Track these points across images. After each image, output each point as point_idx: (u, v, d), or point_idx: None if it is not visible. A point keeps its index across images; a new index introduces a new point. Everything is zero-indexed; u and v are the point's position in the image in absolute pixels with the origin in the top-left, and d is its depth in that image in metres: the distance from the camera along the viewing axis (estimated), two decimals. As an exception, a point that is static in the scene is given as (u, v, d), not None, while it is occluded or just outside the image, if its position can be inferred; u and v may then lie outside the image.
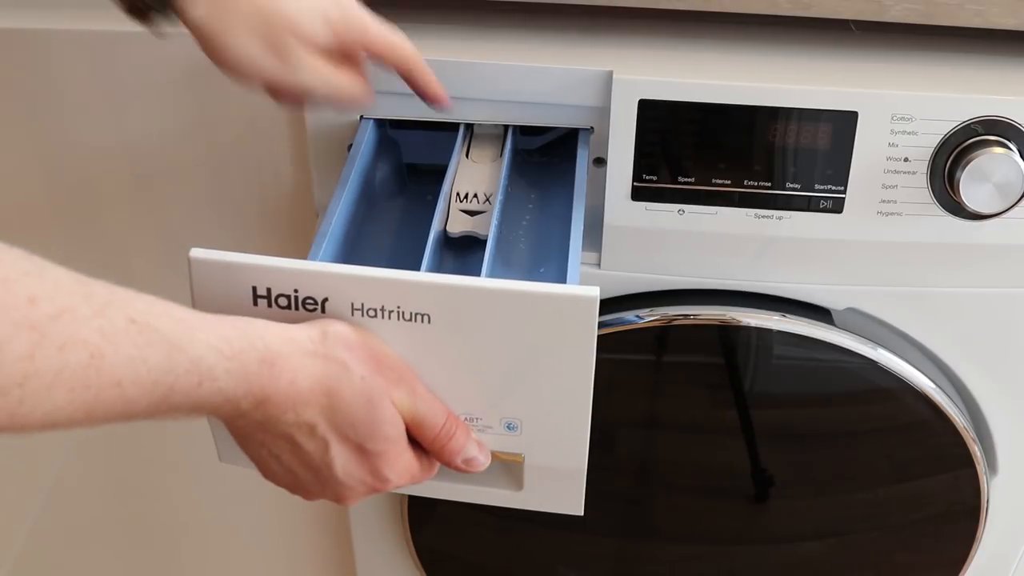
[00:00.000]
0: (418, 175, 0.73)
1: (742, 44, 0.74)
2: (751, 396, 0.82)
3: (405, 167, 0.74)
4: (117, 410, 0.43)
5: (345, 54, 0.62)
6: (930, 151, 0.69)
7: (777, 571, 0.92)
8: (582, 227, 0.63)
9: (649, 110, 0.69)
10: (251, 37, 0.59)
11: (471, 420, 0.56)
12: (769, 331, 0.77)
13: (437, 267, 0.63)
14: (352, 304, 0.53)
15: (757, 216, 0.72)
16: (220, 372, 0.46)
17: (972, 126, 0.68)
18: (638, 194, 0.72)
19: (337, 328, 0.51)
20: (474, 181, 0.69)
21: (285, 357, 0.49)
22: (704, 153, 0.71)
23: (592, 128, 0.72)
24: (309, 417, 0.50)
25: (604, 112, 0.70)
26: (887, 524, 0.88)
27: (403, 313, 0.53)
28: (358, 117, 0.73)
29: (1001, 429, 0.84)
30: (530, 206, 0.70)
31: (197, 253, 0.53)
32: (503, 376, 0.55)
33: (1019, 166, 0.68)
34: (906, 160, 0.70)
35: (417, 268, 0.61)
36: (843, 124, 0.69)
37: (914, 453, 0.84)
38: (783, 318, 0.76)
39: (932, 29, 0.71)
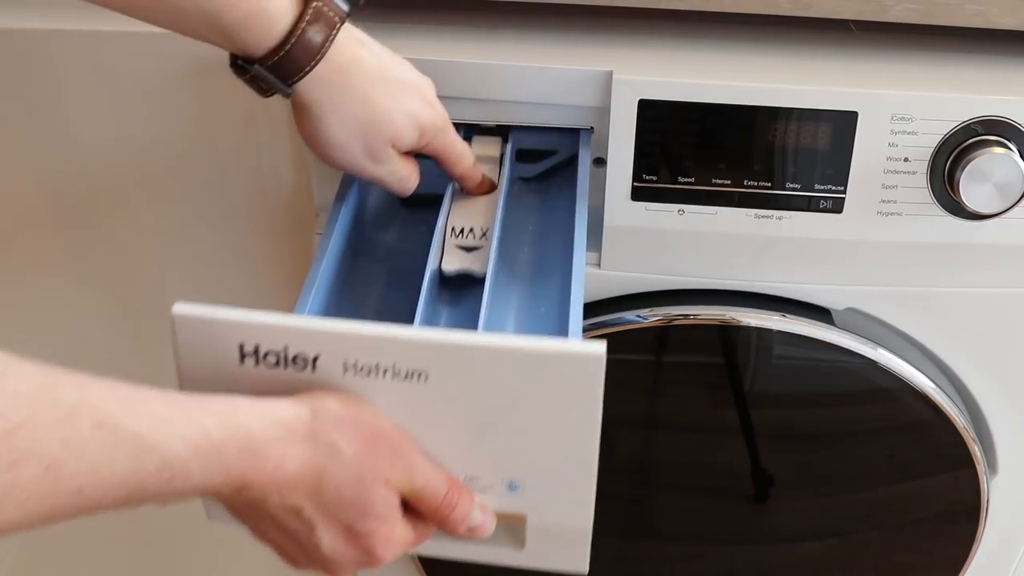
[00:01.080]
0: (411, 203, 0.72)
1: (742, 44, 0.74)
2: (751, 396, 0.82)
3: (397, 200, 0.73)
4: (80, 511, 0.42)
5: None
6: (930, 151, 0.69)
7: (777, 571, 0.92)
8: (583, 267, 0.61)
9: (649, 110, 0.69)
10: (353, 135, 0.61)
11: (471, 480, 0.54)
12: (769, 331, 0.77)
13: (433, 309, 0.61)
14: (345, 362, 0.50)
15: (757, 216, 0.72)
16: (194, 468, 0.44)
17: (972, 126, 0.68)
18: (638, 194, 0.72)
19: (328, 406, 0.49)
20: (469, 215, 0.67)
21: (271, 443, 0.47)
22: (704, 153, 0.71)
23: (592, 128, 0.72)
24: (295, 501, 0.48)
25: (604, 112, 0.70)
26: (887, 524, 0.88)
27: (398, 371, 0.50)
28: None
29: (1001, 429, 0.84)
30: (528, 237, 0.68)
31: (180, 309, 0.50)
32: (505, 435, 0.53)
33: (1019, 166, 0.68)
34: (906, 160, 0.70)
35: (413, 309, 0.59)
36: (843, 124, 0.69)
37: (914, 453, 0.84)
38: (783, 318, 0.76)
39: (932, 29, 0.71)
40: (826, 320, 0.77)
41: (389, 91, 0.62)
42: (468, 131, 0.73)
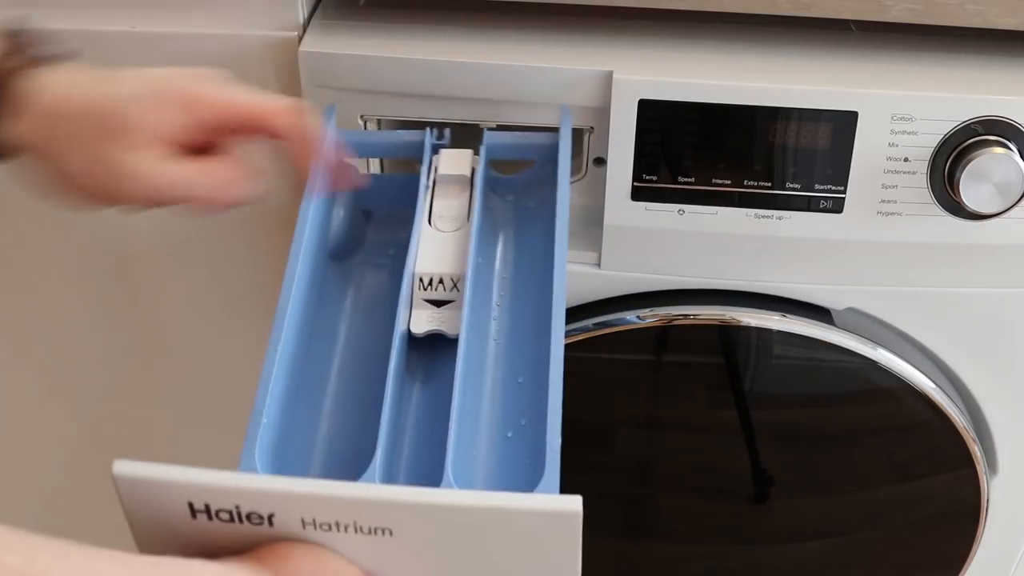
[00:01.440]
0: (377, 219, 0.68)
1: (742, 44, 0.74)
2: (751, 396, 0.82)
3: (362, 213, 0.68)
4: None
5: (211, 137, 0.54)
6: (930, 151, 0.69)
7: (777, 571, 0.92)
8: (561, 350, 0.55)
9: (649, 110, 0.69)
10: (83, 152, 0.51)
11: None
12: (769, 331, 0.77)
13: (403, 384, 0.58)
14: (303, 519, 0.47)
15: (757, 216, 0.72)
16: None
17: (972, 126, 0.68)
18: (638, 194, 0.72)
19: (296, 570, 0.46)
20: (438, 259, 0.61)
21: None
22: (704, 153, 0.71)
23: (592, 128, 0.72)
24: None
25: (604, 112, 0.70)
26: (887, 524, 0.88)
27: (360, 528, 0.47)
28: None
29: (1001, 429, 0.84)
30: (501, 281, 0.63)
31: (122, 469, 0.47)
32: None
33: (1019, 166, 0.68)
34: (906, 160, 0.70)
35: (381, 376, 0.56)
36: (843, 124, 0.69)
37: (914, 453, 0.83)
38: (783, 318, 0.76)
39: (932, 29, 0.71)
40: (826, 320, 0.77)
41: (121, 87, 0.53)
42: (439, 138, 0.67)
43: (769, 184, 0.72)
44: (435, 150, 0.66)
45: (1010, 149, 0.68)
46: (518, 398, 0.57)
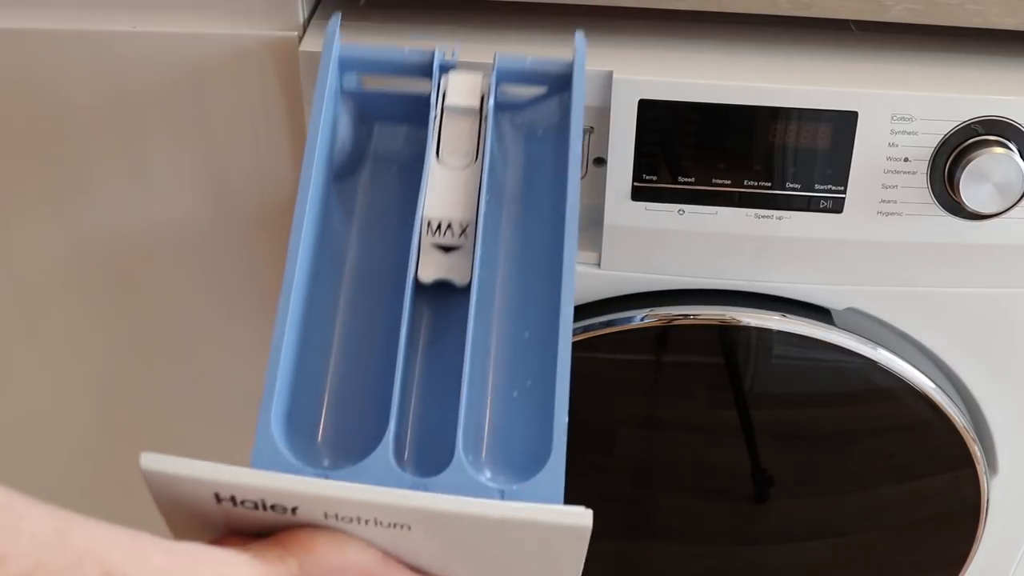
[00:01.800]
0: (378, 136, 0.65)
1: (742, 44, 0.74)
2: (751, 396, 0.82)
3: (364, 128, 0.65)
4: None
5: None
6: (930, 151, 0.69)
7: (777, 571, 0.92)
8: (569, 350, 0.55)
9: (649, 110, 0.69)
10: None
11: None
12: (769, 331, 0.77)
13: (411, 330, 0.57)
14: (325, 513, 0.49)
15: (757, 216, 0.72)
16: None
17: (972, 126, 0.68)
18: (638, 194, 0.72)
19: (316, 559, 0.49)
20: (447, 201, 0.60)
21: None
22: (704, 153, 0.71)
23: (592, 128, 0.72)
24: None
25: (604, 112, 0.70)
26: (887, 524, 0.88)
27: (380, 523, 0.49)
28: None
29: (1001, 429, 0.84)
30: (510, 216, 0.61)
31: (149, 463, 0.49)
32: (491, 567, 0.53)
33: (1019, 166, 0.68)
34: (906, 160, 0.70)
35: (388, 315, 0.56)
36: (843, 124, 0.69)
37: (914, 453, 0.83)
38: (783, 318, 0.76)
39: (932, 29, 0.71)
40: (826, 320, 0.77)
41: None
42: (444, 67, 0.63)
43: (769, 184, 0.72)
44: (443, 71, 0.63)
45: (1010, 149, 0.68)
46: (524, 355, 0.57)
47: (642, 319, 0.77)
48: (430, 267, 0.58)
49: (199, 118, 0.77)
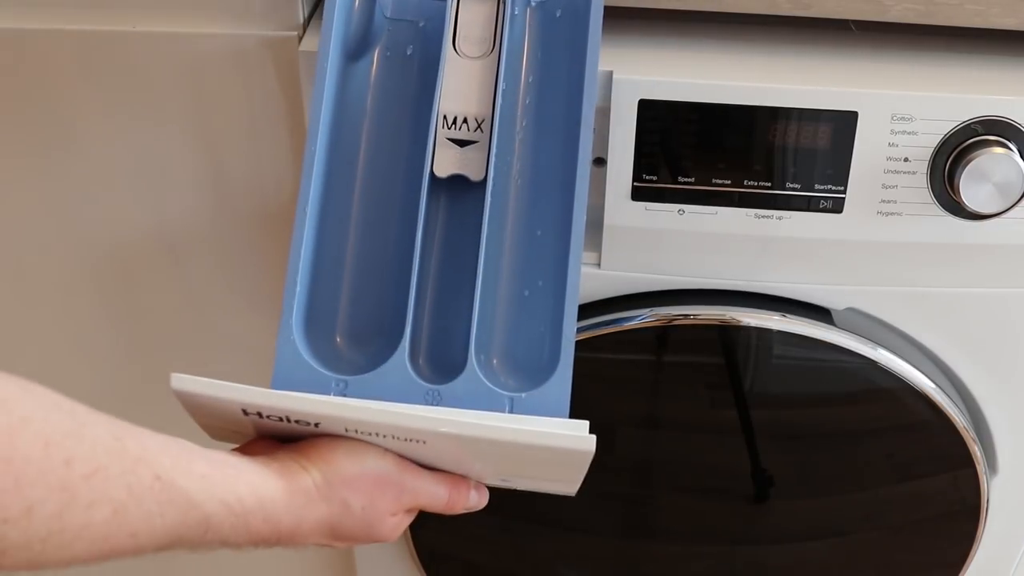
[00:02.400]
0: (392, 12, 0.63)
1: (742, 44, 0.74)
2: (751, 396, 0.82)
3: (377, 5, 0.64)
4: (126, 553, 0.46)
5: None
6: (930, 151, 0.69)
7: (777, 571, 0.92)
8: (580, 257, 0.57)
9: (649, 110, 0.69)
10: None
11: (467, 474, 0.58)
12: (769, 331, 0.77)
13: (427, 221, 0.58)
14: (346, 428, 0.53)
15: (757, 216, 0.72)
16: (226, 528, 0.50)
17: (972, 126, 0.68)
18: (638, 194, 0.72)
19: (336, 468, 0.53)
20: (462, 95, 0.59)
21: (291, 511, 0.52)
22: (704, 153, 0.71)
23: (592, 128, 0.72)
24: (312, 542, 0.55)
25: (604, 112, 0.70)
26: (887, 524, 0.88)
27: (398, 437, 0.53)
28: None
29: (1001, 429, 0.84)
30: (525, 107, 0.60)
31: (179, 383, 0.53)
32: (500, 465, 0.57)
33: (1019, 166, 0.68)
34: (906, 160, 0.70)
35: (403, 207, 0.58)
36: (843, 124, 0.69)
37: (914, 453, 0.83)
38: (783, 318, 0.76)
39: (932, 29, 0.71)
40: (826, 320, 0.77)
41: None
42: None
43: (769, 184, 0.72)
44: None
45: (1010, 149, 0.68)
46: (537, 253, 0.58)
47: (642, 319, 0.77)
48: (445, 162, 0.58)
49: (199, 118, 0.77)
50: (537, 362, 0.56)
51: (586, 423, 0.54)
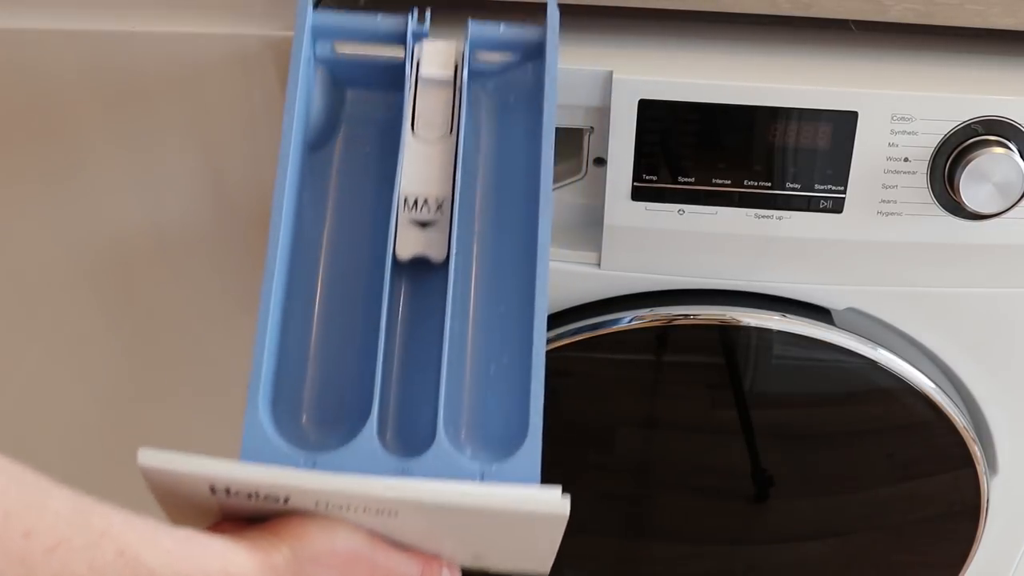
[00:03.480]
0: (351, 103, 0.65)
1: (742, 44, 0.74)
2: (751, 396, 0.82)
3: (338, 93, 0.65)
4: None
5: None
6: (930, 151, 0.69)
7: (777, 571, 0.92)
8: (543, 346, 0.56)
9: (649, 110, 0.69)
10: None
11: (438, 552, 0.57)
12: (769, 331, 0.77)
13: (390, 307, 0.58)
14: (315, 502, 0.52)
15: (757, 216, 0.72)
16: None
17: (972, 126, 0.68)
18: (638, 194, 0.72)
19: (307, 545, 0.52)
20: (423, 177, 0.60)
21: None
22: (704, 153, 0.71)
23: (592, 128, 0.72)
24: None
25: (604, 112, 0.70)
26: (887, 524, 0.88)
27: (368, 510, 0.52)
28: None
29: (1001, 429, 0.84)
30: (483, 190, 0.61)
31: (147, 460, 0.52)
32: (472, 539, 0.56)
33: (1019, 166, 0.68)
34: (906, 160, 0.70)
35: (367, 296, 0.58)
36: (843, 124, 0.69)
37: (914, 453, 0.83)
38: (783, 318, 0.76)
39: (932, 29, 0.71)
40: (826, 320, 0.77)
41: None
42: (417, 35, 0.63)
43: (769, 184, 0.71)
44: (416, 38, 0.63)
45: (1010, 149, 0.68)
46: (500, 330, 0.58)
47: (642, 319, 0.77)
48: (408, 243, 0.59)
49: (199, 118, 0.77)
50: (506, 434, 0.55)
51: (558, 487, 0.53)
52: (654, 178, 0.72)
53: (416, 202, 0.59)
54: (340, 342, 0.59)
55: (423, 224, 0.59)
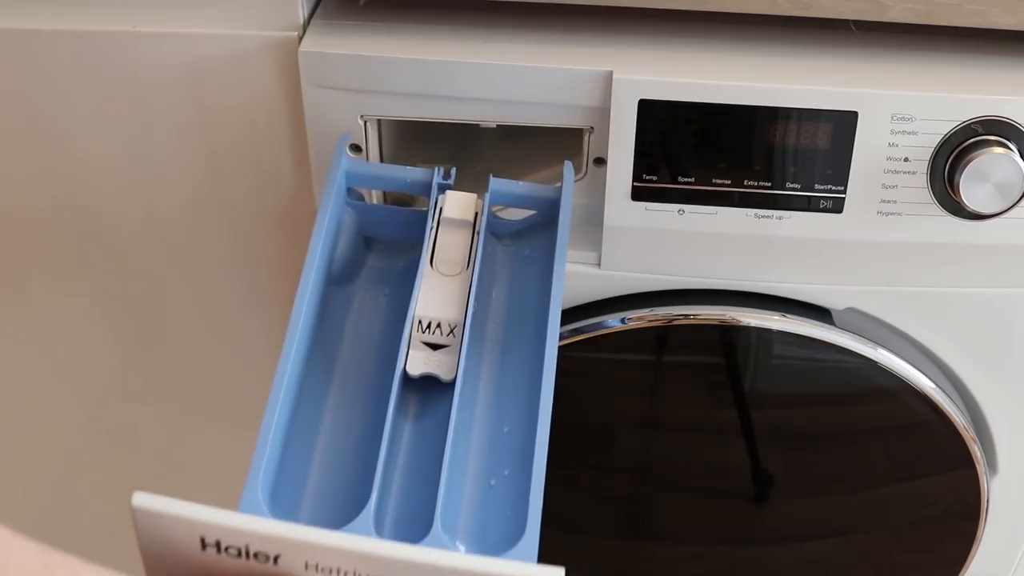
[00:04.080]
0: (377, 245, 0.71)
1: (742, 44, 0.74)
2: (751, 396, 0.82)
3: (363, 239, 0.71)
4: None
5: None
6: (930, 151, 0.69)
7: (777, 571, 0.92)
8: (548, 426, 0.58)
9: (649, 110, 0.69)
10: None
11: None
12: (769, 331, 0.77)
13: (396, 422, 0.60)
14: (306, 562, 0.51)
15: (757, 216, 0.72)
16: None
17: (972, 126, 0.68)
18: (638, 194, 0.72)
19: None
20: (437, 303, 0.64)
21: None
22: (704, 153, 0.71)
23: (592, 128, 0.72)
24: None
25: (604, 112, 0.70)
26: (887, 524, 0.88)
27: (358, 574, 0.51)
28: (359, 118, 0.73)
29: (1001, 429, 0.84)
30: (497, 321, 0.66)
31: (140, 501, 0.50)
32: None
33: (1019, 166, 0.68)
34: (906, 160, 0.70)
35: (374, 407, 0.59)
36: (843, 124, 0.69)
37: (914, 453, 0.84)
38: (783, 318, 0.76)
39: (932, 29, 0.71)
40: (826, 320, 0.77)
41: None
42: (445, 177, 0.69)
43: (769, 184, 0.72)
44: (441, 189, 0.68)
45: (1010, 149, 0.68)
46: (503, 448, 0.60)
47: (642, 319, 0.77)
48: (419, 361, 0.61)
49: (199, 118, 0.77)
50: (503, 536, 0.57)
51: (561, 569, 0.53)
52: (654, 178, 0.72)
53: (429, 325, 0.63)
54: (346, 442, 0.61)
55: (434, 346, 0.62)
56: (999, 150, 0.68)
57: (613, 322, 0.77)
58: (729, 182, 0.72)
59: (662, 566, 0.94)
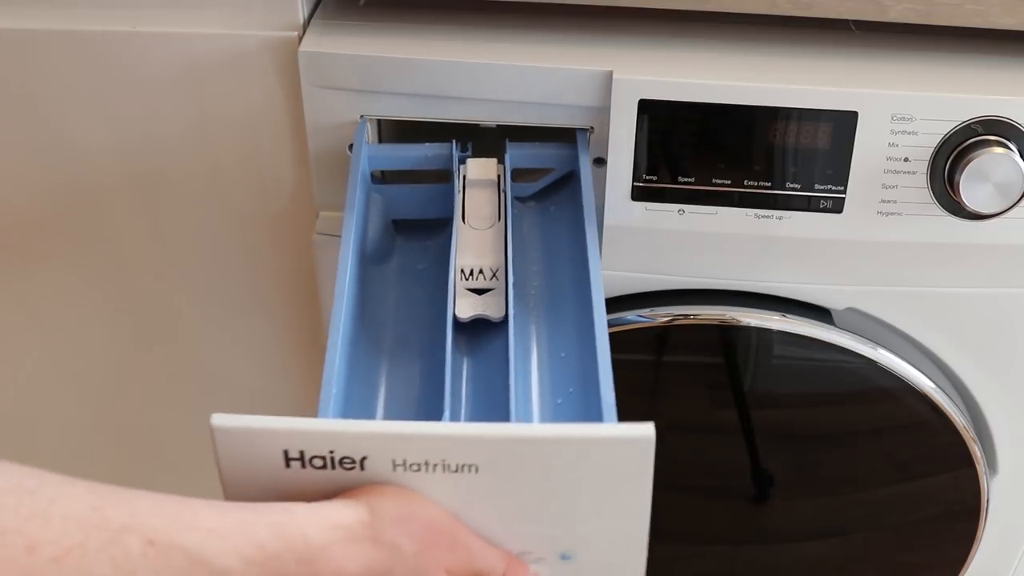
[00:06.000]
0: (404, 230, 0.72)
1: (742, 44, 0.74)
2: (751, 396, 0.82)
3: (391, 223, 0.72)
4: None
5: None
6: (930, 151, 0.69)
7: (777, 571, 0.92)
8: (604, 318, 0.60)
9: (649, 110, 0.69)
10: None
11: (524, 554, 0.55)
12: (769, 331, 0.77)
13: (454, 361, 0.60)
14: (393, 460, 0.50)
15: (757, 216, 0.72)
16: None
17: (972, 126, 0.68)
18: (638, 194, 0.72)
19: (386, 505, 0.49)
20: (476, 253, 0.66)
21: (330, 548, 0.46)
22: (704, 153, 0.71)
23: (592, 128, 0.72)
24: None
25: (604, 112, 0.70)
26: (887, 524, 0.88)
27: (448, 466, 0.50)
28: (359, 116, 0.73)
29: (1001, 429, 0.84)
30: (535, 267, 0.67)
31: (219, 420, 0.49)
32: (557, 514, 0.54)
33: (1019, 166, 0.68)
34: (906, 160, 0.70)
35: (429, 355, 0.60)
36: (843, 124, 0.69)
37: (914, 453, 0.83)
38: (783, 318, 0.76)
39: (932, 29, 0.71)
40: (826, 320, 0.77)
41: None
42: (463, 150, 0.72)
43: (769, 184, 0.72)
44: (461, 160, 0.71)
45: (1010, 149, 0.68)
46: (563, 370, 0.61)
47: (642, 319, 0.77)
48: (467, 306, 0.63)
49: (199, 118, 0.77)
50: None
51: (651, 424, 0.53)
52: (654, 178, 0.72)
53: (472, 272, 0.64)
54: (407, 393, 0.61)
55: (480, 291, 0.64)
56: (999, 150, 0.68)
57: (613, 322, 0.77)
58: (729, 182, 0.72)
59: (662, 566, 0.94)
